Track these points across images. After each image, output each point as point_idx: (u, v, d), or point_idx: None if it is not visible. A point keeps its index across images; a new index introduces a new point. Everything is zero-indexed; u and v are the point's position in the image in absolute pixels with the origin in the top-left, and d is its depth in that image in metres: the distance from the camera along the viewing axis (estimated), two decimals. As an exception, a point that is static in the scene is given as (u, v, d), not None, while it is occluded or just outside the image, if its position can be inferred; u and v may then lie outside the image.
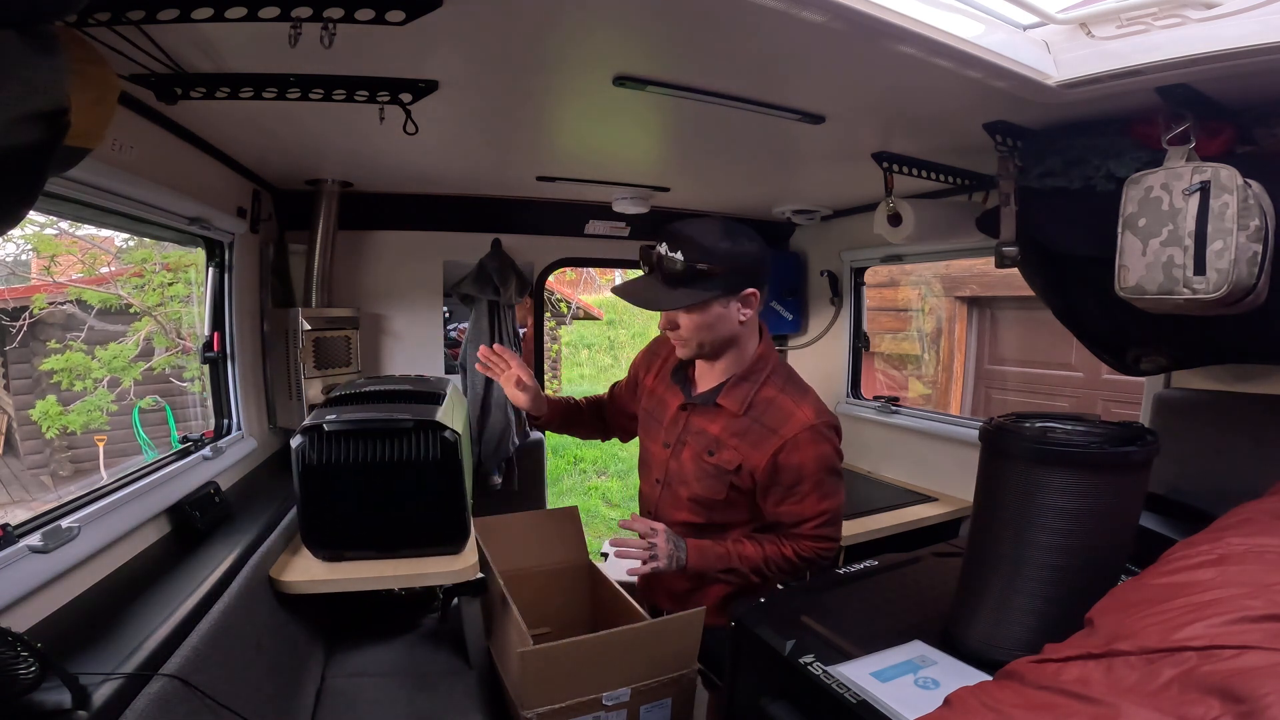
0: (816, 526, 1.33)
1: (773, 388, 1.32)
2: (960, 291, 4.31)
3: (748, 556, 1.33)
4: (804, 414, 1.28)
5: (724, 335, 1.29)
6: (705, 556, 1.34)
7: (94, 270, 4.12)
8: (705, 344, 1.30)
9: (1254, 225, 1.00)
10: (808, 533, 1.34)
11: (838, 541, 1.37)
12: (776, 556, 1.34)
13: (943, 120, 1.35)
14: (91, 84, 0.78)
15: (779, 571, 1.35)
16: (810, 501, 1.31)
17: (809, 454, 1.27)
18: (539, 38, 0.99)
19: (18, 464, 4.14)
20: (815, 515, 1.32)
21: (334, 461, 1.28)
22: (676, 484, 1.41)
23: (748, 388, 1.32)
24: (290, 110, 1.27)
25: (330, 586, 1.35)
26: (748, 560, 1.33)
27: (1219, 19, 0.92)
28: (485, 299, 2.38)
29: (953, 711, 0.69)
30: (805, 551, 1.34)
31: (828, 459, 1.30)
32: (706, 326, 1.27)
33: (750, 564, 1.33)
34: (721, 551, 1.34)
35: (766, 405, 1.31)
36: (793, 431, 1.27)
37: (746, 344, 1.33)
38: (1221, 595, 0.64)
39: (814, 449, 1.28)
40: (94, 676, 0.81)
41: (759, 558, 1.33)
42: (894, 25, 0.89)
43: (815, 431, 1.27)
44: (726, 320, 1.27)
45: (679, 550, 1.33)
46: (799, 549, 1.34)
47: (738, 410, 1.32)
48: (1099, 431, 0.97)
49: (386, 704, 1.35)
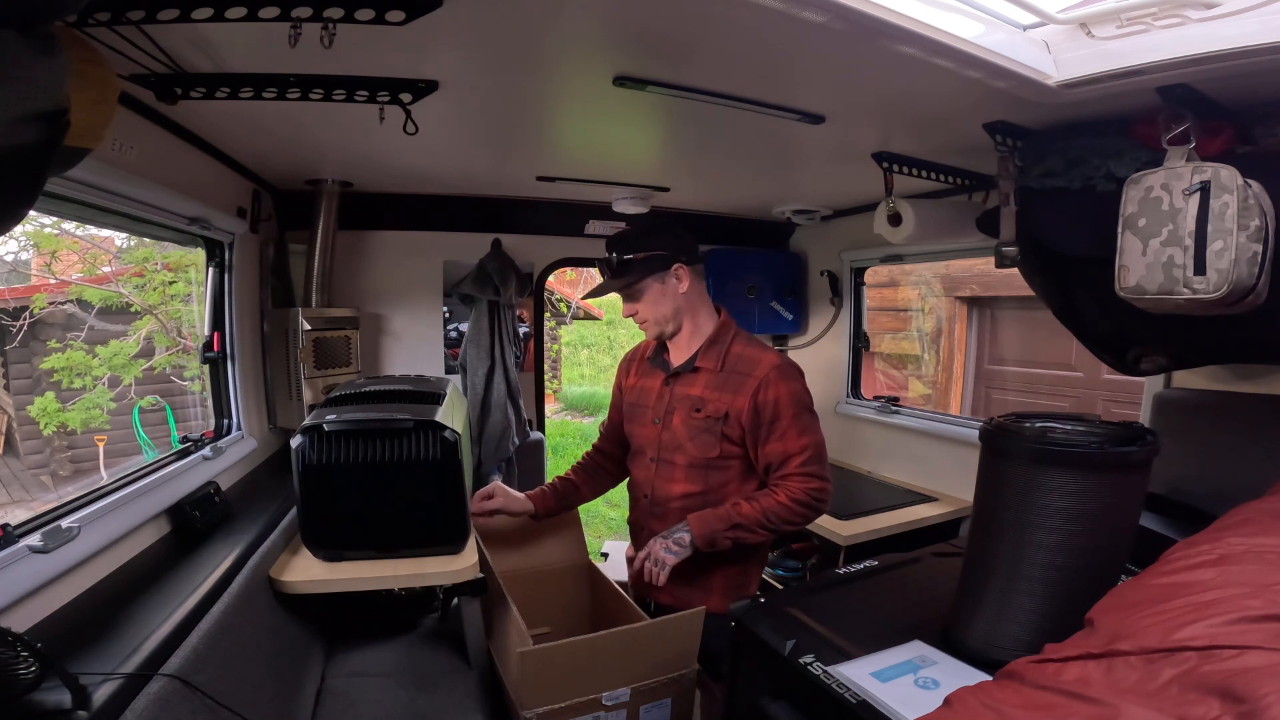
0: (802, 463, 1.42)
1: (739, 344, 1.51)
2: (960, 291, 4.30)
3: (747, 513, 1.40)
4: (769, 357, 1.47)
5: (674, 307, 1.50)
6: (707, 521, 1.41)
7: (94, 270, 4.12)
8: (662, 319, 1.51)
9: (1254, 225, 1.00)
10: (795, 470, 1.42)
11: (827, 480, 1.44)
12: (774, 506, 1.40)
13: (943, 120, 1.35)
14: (91, 84, 0.77)
15: (780, 521, 1.41)
16: (791, 437, 1.42)
17: (782, 390, 1.42)
18: (539, 38, 0.99)
19: (18, 464, 4.14)
20: (799, 451, 1.42)
21: (334, 461, 1.28)
22: (672, 453, 1.51)
23: (720, 348, 1.50)
24: (290, 110, 1.27)
25: (330, 586, 1.35)
26: (748, 517, 1.40)
27: (1219, 19, 0.92)
28: (485, 299, 2.38)
29: (953, 711, 0.69)
30: (797, 494, 1.40)
31: (798, 394, 1.45)
32: (654, 302, 1.50)
33: (751, 519, 1.40)
34: (722, 513, 1.41)
35: (738, 358, 1.48)
36: (764, 371, 1.43)
37: (701, 315, 1.53)
38: (1221, 595, 0.64)
39: (785, 385, 1.43)
40: (94, 676, 0.81)
41: (758, 511, 1.40)
42: (894, 25, 0.89)
43: (781, 370, 1.44)
44: (669, 294, 1.50)
45: (671, 537, 1.41)
46: (791, 493, 1.41)
47: (715, 368, 1.48)
48: (1099, 431, 0.97)
49: (386, 704, 1.35)
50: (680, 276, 1.50)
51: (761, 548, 1.55)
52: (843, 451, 2.77)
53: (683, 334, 1.53)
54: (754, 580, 1.56)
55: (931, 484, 2.34)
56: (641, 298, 1.50)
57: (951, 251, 2.37)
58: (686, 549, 1.40)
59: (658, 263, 1.48)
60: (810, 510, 1.42)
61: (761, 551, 1.57)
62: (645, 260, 1.48)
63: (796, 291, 2.91)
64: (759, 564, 1.59)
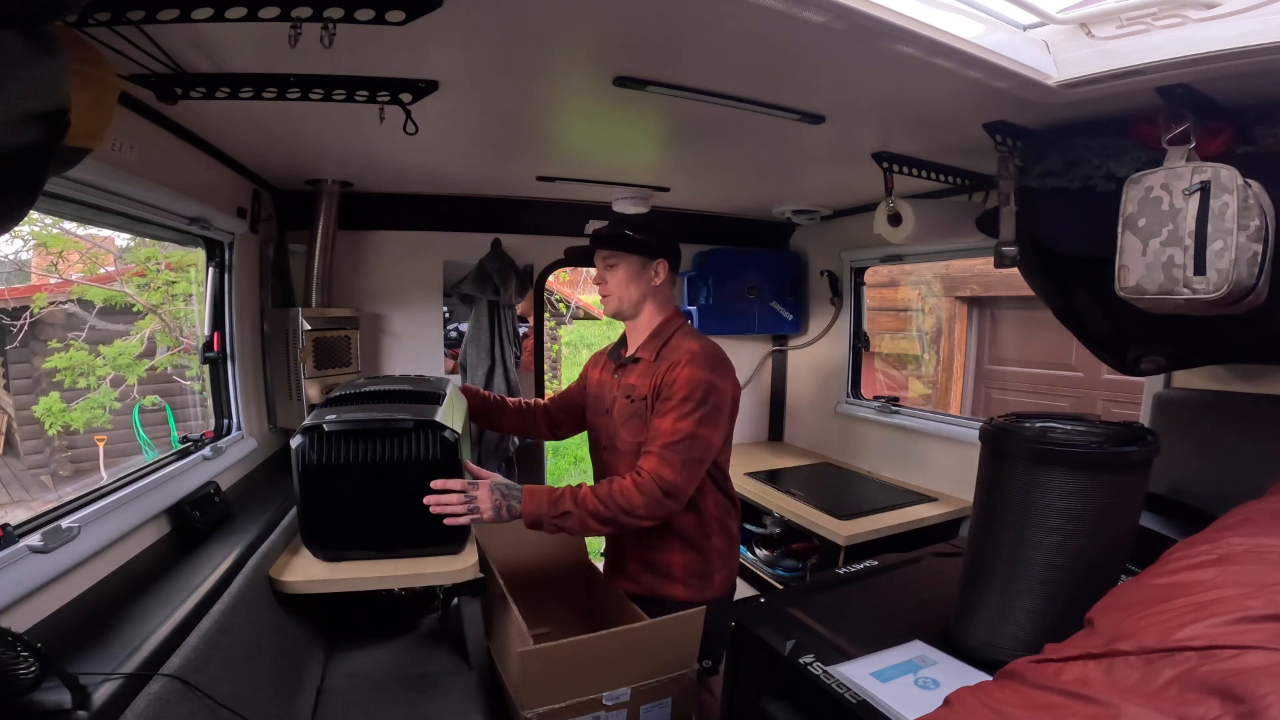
0: (663, 446, 1.37)
1: (678, 336, 1.54)
2: (960, 291, 4.30)
3: (583, 497, 1.35)
4: (691, 345, 1.48)
5: (640, 292, 1.56)
6: (536, 499, 1.36)
7: (95, 270, 4.12)
8: (625, 299, 1.56)
9: (1254, 225, 1.00)
10: (653, 450, 1.38)
11: (679, 483, 1.35)
12: (616, 493, 1.34)
13: (943, 120, 1.35)
14: (91, 84, 0.77)
15: (620, 510, 1.34)
16: (669, 418, 1.40)
17: (683, 374, 1.42)
18: (539, 38, 0.99)
19: (18, 464, 4.14)
20: (668, 433, 1.38)
21: (334, 461, 1.28)
22: (616, 438, 1.56)
23: (658, 340, 1.55)
24: (290, 110, 1.27)
25: (330, 586, 1.35)
26: (583, 502, 1.35)
27: (1219, 19, 0.92)
28: (485, 299, 2.37)
29: (953, 711, 0.69)
30: (643, 479, 1.34)
31: (699, 381, 1.41)
32: (627, 282, 1.55)
33: (587, 506, 1.34)
34: (555, 496, 1.36)
35: (670, 348, 1.52)
36: (679, 355, 1.46)
37: (658, 307, 1.59)
38: (1221, 595, 0.64)
39: (689, 370, 1.42)
40: (94, 676, 0.81)
41: (598, 500, 1.34)
42: (894, 25, 0.89)
43: (695, 356, 1.44)
44: (643, 279, 1.56)
45: (510, 499, 1.35)
46: (638, 476, 1.35)
47: (650, 358, 1.53)
48: (1099, 431, 0.97)
49: (386, 704, 1.35)
50: (659, 271, 1.57)
51: (718, 534, 1.53)
52: (843, 451, 2.77)
53: (639, 324, 1.59)
54: (719, 568, 1.53)
55: (931, 484, 2.34)
56: (617, 272, 1.56)
57: (951, 251, 2.37)
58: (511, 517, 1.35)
59: (647, 249, 1.56)
60: (653, 503, 1.34)
61: (724, 537, 1.55)
62: (639, 241, 1.55)
63: (796, 291, 2.91)
64: (723, 551, 1.55)
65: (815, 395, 2.95)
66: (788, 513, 2.19)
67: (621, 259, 1.55)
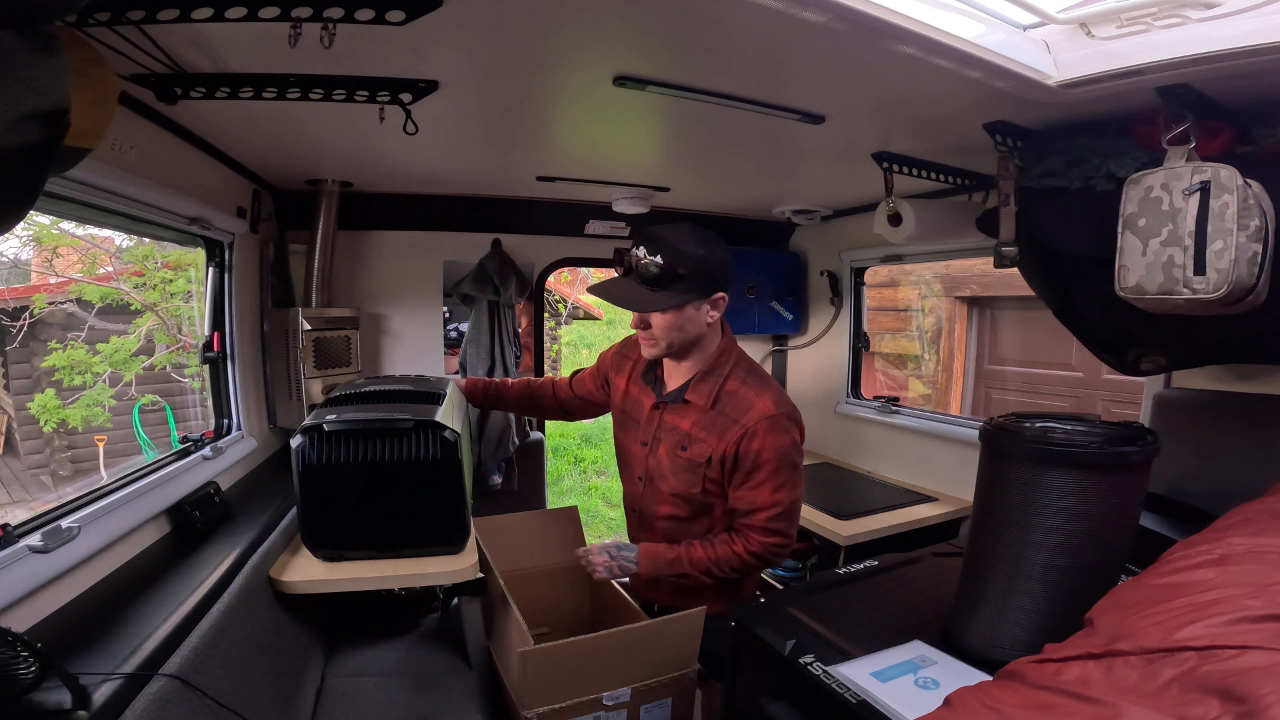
0: (769, 519, 1.35)
1: (735, 380, 1.39)
2: (960, 291, 4.30)
3: (697, 560, 1.38)
4: (764, 404, 1.35)
5: (692, 335, 1.37)
6: (655, 562, 1.41)
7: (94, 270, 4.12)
8: (675, 344, 1.37)
9: (1254, 225, 1.00)
10: (759, 524, 1.36)
11: (791, 538, 1.39)
12: (728, 556, 1.37)
13: (943, 120, 1.35)
14: (91, 84, 0.78)
15: (731, 570, 1.38)
16: (765, 491, 1.35)
17: (768, 442, 1.33)
18: (539, 38, 0.99)
19: (18, 464, 4.14)
20: (769, 505, 1.35)
21: (334, 461, 1.28)
22: (657, 479, 1.48)
23: (713, 382, 1.39)
24: (290, 110, 1.27)
25: (330, 586, 1.35)
26: (698, 564, 1.38)
27: (1219, 19, 0.92)
28: (485, 299, 2.38)
29: (953, 711, 0.69)
30: (755, 547, 1.36)
31: (785, 450, 1.34)
32: (678, 327, 1.34)
33: (700, 567, 1.38)
34: (672, 557, 1.39)
35: (730, 397, 1.38)
36: (753, 420, 1.33)
37: (710, 342, 1.41)
38: (1221, 595, 0.64)
39: (773, 438, 1.33)
40: (94, 676, 0.81)
41: (709, 559, 1.37)
42: (894, 25, 0.89)
43: (774, 421, 1.33)
44: (696, 321, 1.35)
45: (624, 560, 1.43)
46: (749, 544, 1.36)
47: (705, 404, 1.39)
48: (1099, 431, 0.97)
49: (386, 704, 1.35)
50: (718, 305, 1.36)
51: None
52: (843, 451, 2.77)
53: (685, 360, 1.42)
54: (748, 583, 1.54)
55: (931, 484, 2.34)
56: (665, 318, 1.33)
57: (951, 251, 2.37)
58: (629, 575, 1.43)
59: (709, 284, 1.31)
60: (763, 564, 1.40)
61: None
62: (698, 279, 1.29)
63: (796, 291, 2.91)
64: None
65: (815, 395, 2.95)
66: (788, 513, 2.18)
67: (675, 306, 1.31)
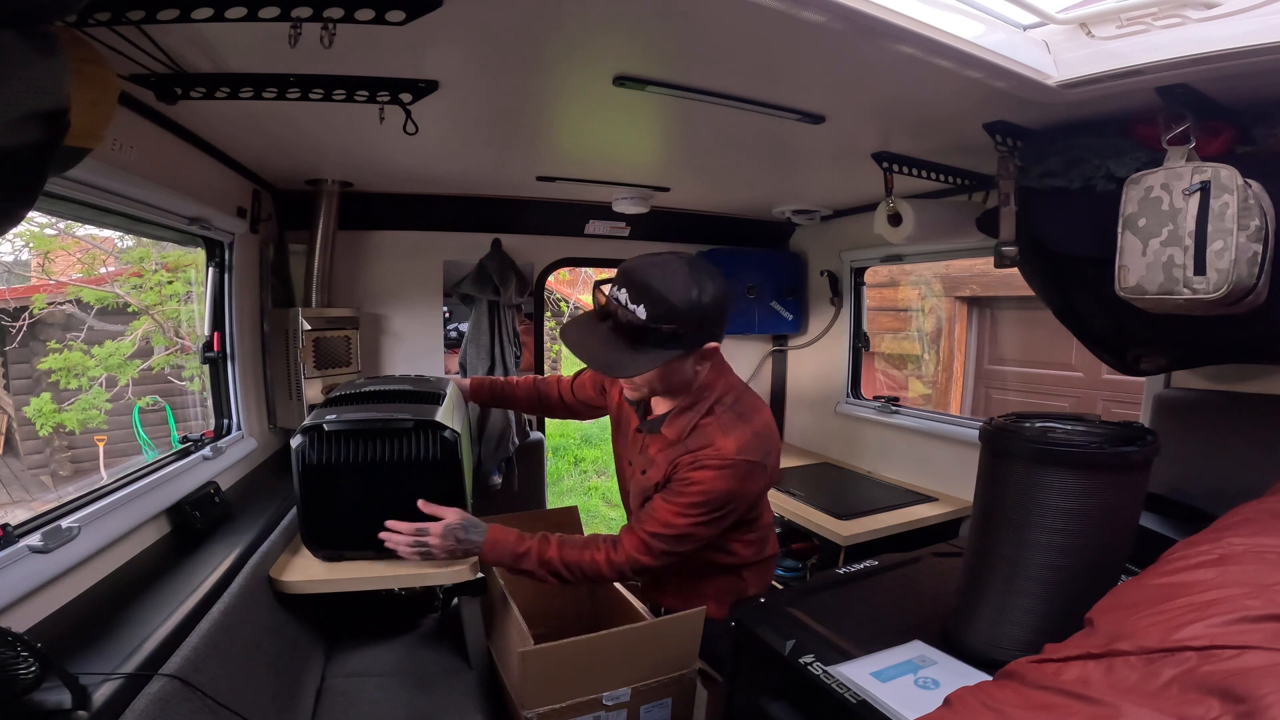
0: (652, 534, 1.25)
1: (712, 416, 1.28)
2: (960, 291, 4.30)
3: (549, 559, 1.27)
4: (724, 444, 1.23)
5: (679, 383, 1.28)
6: (498, 550, 1.29)
7: (93, 270, 4.12)
8: (659, 390, 1.30)
9: (1254, 225, 1.00)
10: (641, 531, 1.26)
11: (657, 563, 1.27)
12: (584, 561, 1.27)
13: (943, 120, 1.35)
14: (91, 84, 0.77)
15: (583, 576, 1.29)
16: (669, 509, 1.24)
17: (704, 477, 1.22)
18: (539, 38, 0.99)
19: (18, 464, 4.14)
20: (660, 522, 1.24)
21: (334, 461, 1.28)
22: (630, 499, 1.44)
23: (690, 416, 1.30)
24: (290, 110, 1.27)
25: (330, 586, 1.35)
26: (548, 564, 1.27)
27: (1219, 19, 0.92)
28: (485, 299, 2.37)
29: (953, 711, 0.69)
30: (619, 556, 1.26)
31: (717, 492, 1.22)
32: (662, 379, 1.25)
33: (550, 567, 1.28)
34: (521, 550, 1.28)
35: (698, 432, 1.28)
36: (705, 455, 1.23)
37: (696, 380, 1.31)
38: (1221, 595, 0.64)
39: (711, 475, 1.21)
40: (94, 676, 0.81)
41: (560, 561, 1.27)
42: (894, 25, 0.89)
43: (724, 463, 1.21)
44: (682, 372, 1.25)
45: (468, 544, 1.28)
46: (614, 554, 1.27)
47: (674, 437, 1.30)
48: (1099, 431, 0.97)
49: (386, 704, 1.35)
50: (709, 356, 1.25)
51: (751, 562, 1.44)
52: (843, 451, 2.77)
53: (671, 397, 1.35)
54: (753, 584, 1.47)
55: (931, 484, 2.34)
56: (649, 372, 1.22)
57: (951, 251, 2.37)
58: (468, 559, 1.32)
59: (701, 338, 1.19)
60: (618, 578, 1.31)
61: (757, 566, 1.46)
62: (682, 337, 1.15)
63: (796, 291, 2.91)
64: (759, 570, 1.48)
65: (815, 395, 2.95)
66: (788, 513, 2.19)
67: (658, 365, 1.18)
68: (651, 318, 1.13)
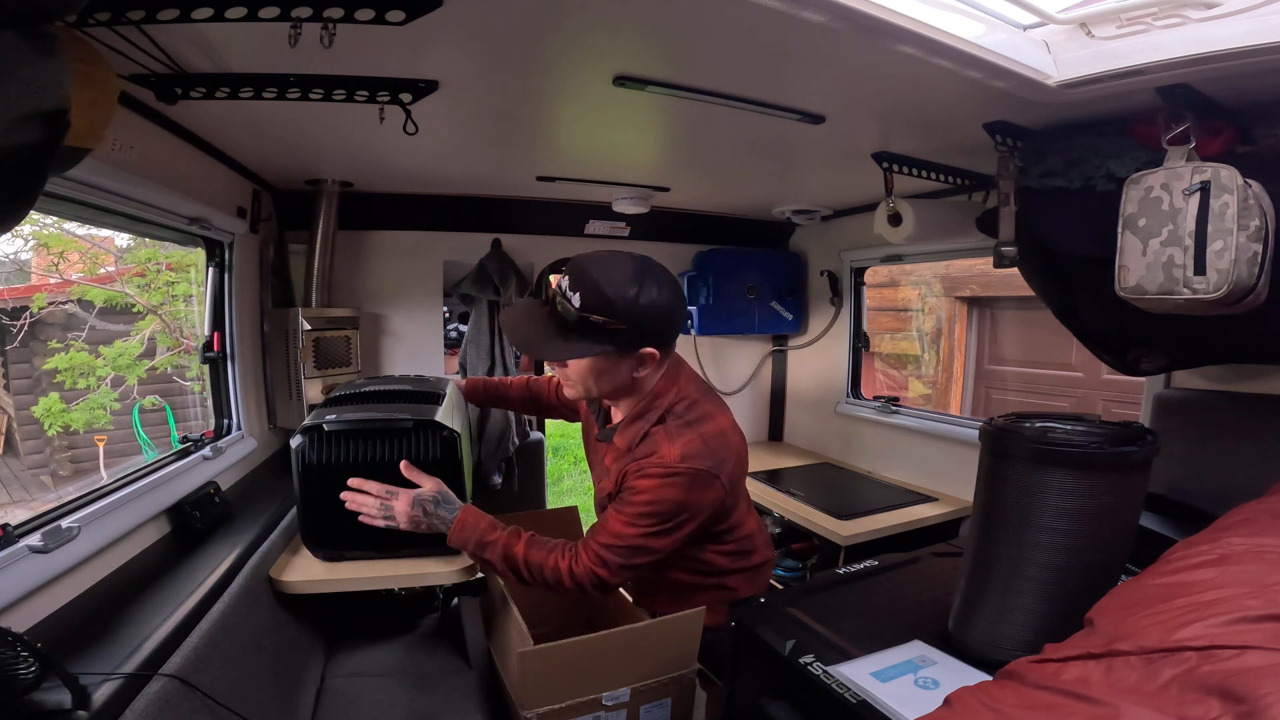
0: (605, 545, 1.22)
1: (661, 425, 1.26)
2: (960, 291, 4.31)
3: (513, 555, 1.25)
4: (670, 452, 1.21)
5: (616, 385, 1.25)
6: (465, 533, 1.26)
7: (95, 270, 4.12)
8: (593, 389, 1.26)
9: (1254, 225, 1.00)
10: (594, 543, 1.24)
11: (615, 577, 1.24)
12: (546, 564, 1.25)
13: (943, 120, 1.35)
14: (91, 84, 0.77)
15: (542, 581, 1.26)
16: (619, 519, 1.22)
17: (649, 485, 1.20)
18: (539, 38, 0.99)
19: (17, 464, 4.14)
20: (612, 534, 1.22)
21: (334, 461, 1.28)
22: (599, 509, 1.39)
23: (640, 425, 1.28)
24: (290, 110, 1.27)
25: (330, 586, 1.35)
26: (510, 559, 1.25)
27: (1219, 19, 0.92)
28: (485, 299, 2.38)
29: (953, 711, 0.69)
30: (579, 569, 1.24)
31: (662, 500, 1.19)
32: (594, 376, 1.23)
33: (510, 562, 1.25)
34: (489, 540, 1.25)
35: (646, 439, 1.26)
36: (650, 463, 1.21)
37: (643, 387, 1.29)
38: (1222, 595, 0.64)
39: (655, 484, 1.19)
40: (94, 676, 0.81)
41: (522, 559, 1.25)
42: (894, 25, 0.89)
43: (668, 470, 1.19)
44: (617, 373, 1.22)
45: (435, 518, 1.25)
46: (575, 564, 1.24)
47: (626, 448, 1.29)
48: (1099, 431, 0.97)
49: (386, 704, 1.35)
50: (644, 361, 1.22)
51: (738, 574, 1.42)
52: (843, 451, 2.77)
53: (617, 401, 1.34)
54: (745, 590, 1.44)
55: (931, 484, 2.35)
56: (579, 363, 1.22)
57: (951, 251, 2.37)
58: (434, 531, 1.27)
59: (634, 340, 1.18)
60: (580, 591, 1.26)
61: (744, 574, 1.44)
62: (621, 333, 1.16)
63: (796, 291, 2.91)
64: (749, 577, 1.45)
65: (815, 395, 2.95)
66: (788, 513, 2.19)
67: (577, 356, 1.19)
68: (583, 306, 1.14)
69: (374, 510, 1.26)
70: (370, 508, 1.27)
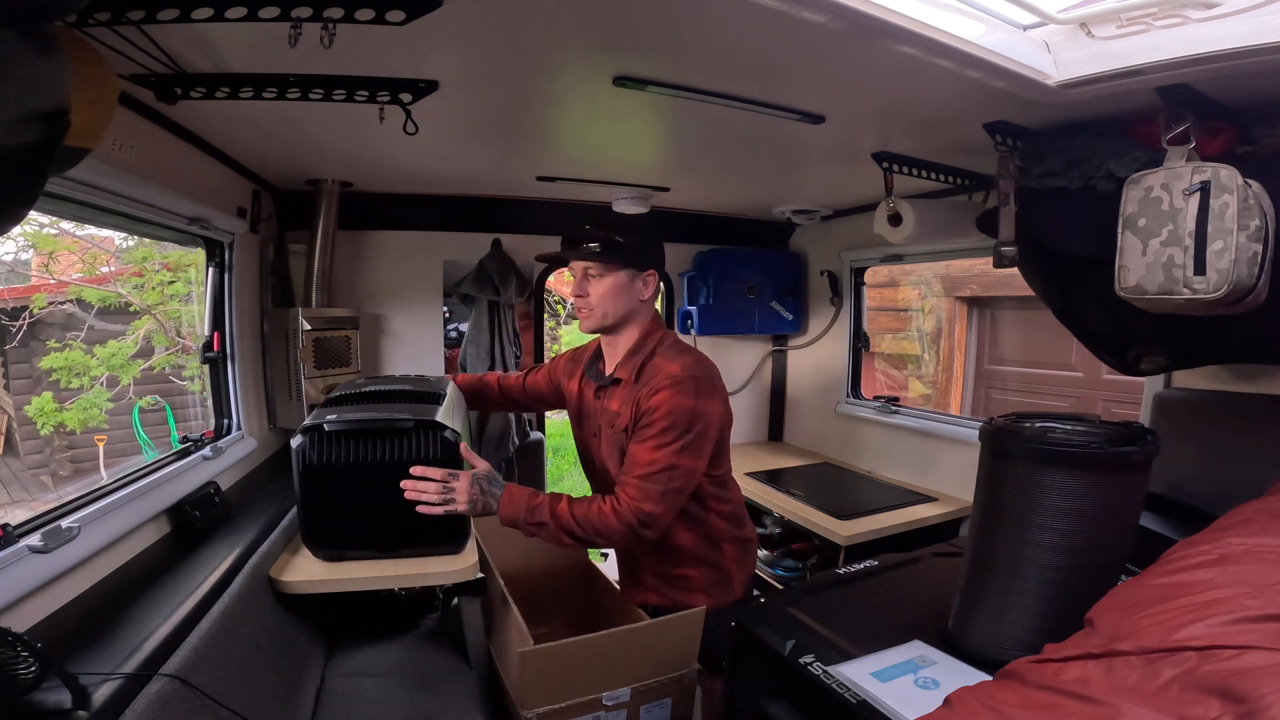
0: (642, 477, 1.31)
1: (660, 355, 1.43)
2: (960, 291, 4.30)
3: (560, 512, 1.32)
4: (672, 367, 1.36)
5: (625, 308, 1.44)
6: (514, 503, 1.33)
7: (94, 270, 4.12)
8: (609, 314, 1.44)
9: (1254, 225, 1.00)
10: (632, 480, 1.32)
11: (661, 511, 1.31)
12: (593, 514, 1.31)
13: (943, 120, 1.35)
14: (91, 84, 0.77)
15: (594, 532, 1.31)
16: (646, 446, 1.32)
17: (662, 398, 1.33)
18: (539, 38, 0.99)
19: (18, 464, 4.14)
20: (644, 463, 1.31)
21: (334, 461, 1.28)
22: (609, 463, 1.48)
23: (638, 359, 1.43)
24: (290, 110, 1.27)
25: (330, 586, 1.35)
26: (560, 517, 1.31)
27: (1219, 19, 0.92)
28: (485, 299, 2.38)
29: (953, 711, 0.69)
30: (622, 508, 1.30)
31: (678, 410, 1.32)
32: (613, 296, 1.42)
33: (562, 521, 1.31)
34: (535, 503, 1.33)
35: (650, 369, 1.41)
36: (659, 380, 1.35)
37: (641, 320, 1.47)
38: (1221, 595, 0.64)
39: (667, 394, 1.33)
40: (94, 676, 0.81)
41: (572, 516, 1.31)
42: (894, 25, 0.89)
43: (676, 379, 1.33)
44: (630, 293, 1.44)
45: (489, 496, 1.32)
46: (617, 504, 1.31)
47: (630, 379, 1.42)
48: (1099, 431, 0.97)
49: (386, 704, 1.35)
50: (648, 283, 1.46)
51: (729, 543, 1.49)
52: (842, 451, 2.77)
53: (619, 340, 1.48)
54: (736, 572, 1.50)
55: (931, 484, 2.34)
56: (603, 283, 1.42)
57: (951, 251, 2.37)
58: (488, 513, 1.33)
59: (643, 259, 1.44)
60: (629, 532, 1.30)
61: (736, 545, 1.51)
62: (633, 251, 1.42)
63: (796, 291, 2.91)
64: (738, 557, 1.51)
65: (815, 395, 2.95)
66: (788, 513, 2.19)
67: (609, 270, 1.41)
68: (607, 230, 1.42)
69: (435, 496, 1.29)
70: (432, 493, 1.29)
